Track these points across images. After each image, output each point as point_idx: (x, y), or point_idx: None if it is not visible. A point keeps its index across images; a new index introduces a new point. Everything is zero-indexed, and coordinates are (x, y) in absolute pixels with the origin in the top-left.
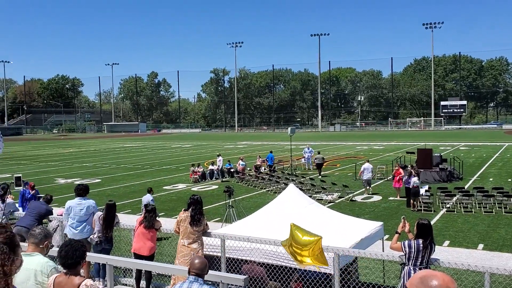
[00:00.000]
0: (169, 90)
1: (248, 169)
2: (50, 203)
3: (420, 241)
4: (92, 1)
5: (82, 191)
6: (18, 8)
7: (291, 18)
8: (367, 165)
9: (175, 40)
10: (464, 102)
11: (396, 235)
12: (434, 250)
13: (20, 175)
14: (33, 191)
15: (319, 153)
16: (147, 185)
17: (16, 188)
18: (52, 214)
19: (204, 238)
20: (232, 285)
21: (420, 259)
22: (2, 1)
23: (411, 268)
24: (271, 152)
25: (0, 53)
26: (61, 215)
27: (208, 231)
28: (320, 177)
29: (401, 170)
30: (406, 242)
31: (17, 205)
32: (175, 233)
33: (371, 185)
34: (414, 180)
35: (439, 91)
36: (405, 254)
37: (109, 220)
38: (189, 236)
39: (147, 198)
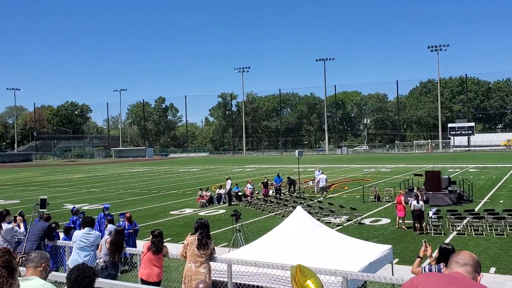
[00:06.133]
0: (177, 114)
1: (257, 192)
2: (49, 221)
3: (442, 265)
4: (99, 29)
5: (89, 224)
6: (26, 36)
7: (297, 43)
8: (322, 176)
9: (182, 65)
10: (472, 124)
11: (418, 259)
12: None
13: (45, 197)
14: (130, 224)
15: (288, 178)
16: (153, 210)
17: (40, 210)
18: (54, 230)
19: (210, 263)
20: None
21: None
22: (11, 29)
23: None
24: (278, 175)
25: (11, 81)
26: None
27: (215, 256)
28: (288, 192)
29: (402, 198)
30: (427, 267)
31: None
32: (181, 258)
33: (327, 191)
34: (413, 203)
35: (446, 113)
36: None
37: (117, 246)
38: (196, 260)
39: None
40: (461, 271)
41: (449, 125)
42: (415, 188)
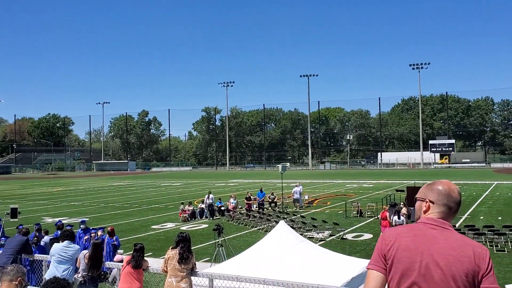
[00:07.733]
0: (160, 128)
1: (240, 207)
2: (27, 236)
3: None
4: (83, 41)
5: (69, 237)
6: (8, 47)
7: (281, 59)
8: (296, 188)
9: (166, 79)
10: (453, 141)
11: None
12: None
13: (16, 206)
14: (111, 238)
15: (272, 194)
16: (134, 224)
17: (11, 220)
18: (29, 245)
19: (192, 277)
20: None
21: None
22: None
23: None
24: (260, 190)
25: None
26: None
27: (196, 270)
28: (271, 207)
29: (387, 214)
30: None
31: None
32: (162, 272)
33: (300, 204)
34: (395, 218)
35: (427, 130)
36: None
37: (96, 259)
38: (177, 274)
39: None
40: (440, 216)
41: (430, 141)
42: (401, 203)
